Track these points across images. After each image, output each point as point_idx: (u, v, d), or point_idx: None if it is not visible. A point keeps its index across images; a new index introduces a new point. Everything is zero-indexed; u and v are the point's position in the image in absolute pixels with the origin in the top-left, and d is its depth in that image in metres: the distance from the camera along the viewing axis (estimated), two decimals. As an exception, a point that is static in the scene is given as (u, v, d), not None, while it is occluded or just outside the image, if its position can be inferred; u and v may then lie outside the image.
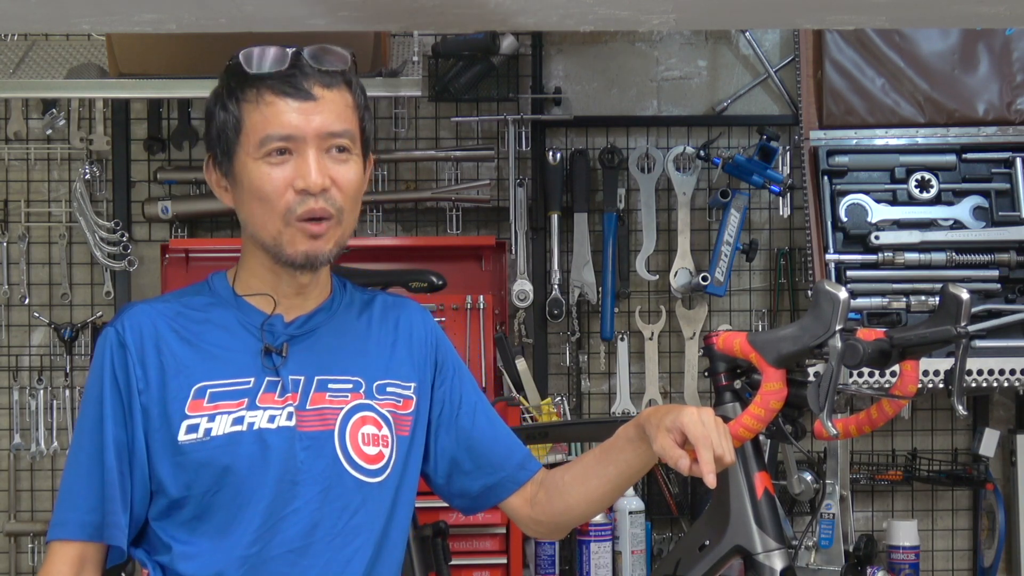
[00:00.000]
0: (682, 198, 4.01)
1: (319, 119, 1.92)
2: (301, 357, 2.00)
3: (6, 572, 3.98)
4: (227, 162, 1.97)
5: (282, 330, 2.01)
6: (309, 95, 1.92)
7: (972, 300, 2.32)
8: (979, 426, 4.04)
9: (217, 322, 2.00)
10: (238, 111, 1.94)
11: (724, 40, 4.14)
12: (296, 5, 2.17)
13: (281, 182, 1.92)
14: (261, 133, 1.92)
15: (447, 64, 3.97)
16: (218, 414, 1.94)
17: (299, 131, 1.92)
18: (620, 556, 3.78)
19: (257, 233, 1.97)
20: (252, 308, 2.01)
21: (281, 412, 1.97)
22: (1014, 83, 3.91)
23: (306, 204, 1.92)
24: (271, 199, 1.93)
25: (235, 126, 1.94)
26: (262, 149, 1.92)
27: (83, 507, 1.94)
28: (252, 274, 2.02)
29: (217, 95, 1.99)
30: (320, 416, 1.99)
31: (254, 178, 1.93)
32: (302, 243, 1.94)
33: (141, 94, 3.67)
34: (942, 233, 3.80)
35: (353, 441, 2.00)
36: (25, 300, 4.02)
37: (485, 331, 3.89)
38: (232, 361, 1.98)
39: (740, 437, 2.26)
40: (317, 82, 1.93)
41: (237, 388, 1.96)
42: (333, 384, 2.01)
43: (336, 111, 1.94)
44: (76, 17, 2.24)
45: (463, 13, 2.22)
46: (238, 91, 1.95)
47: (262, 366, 1.98)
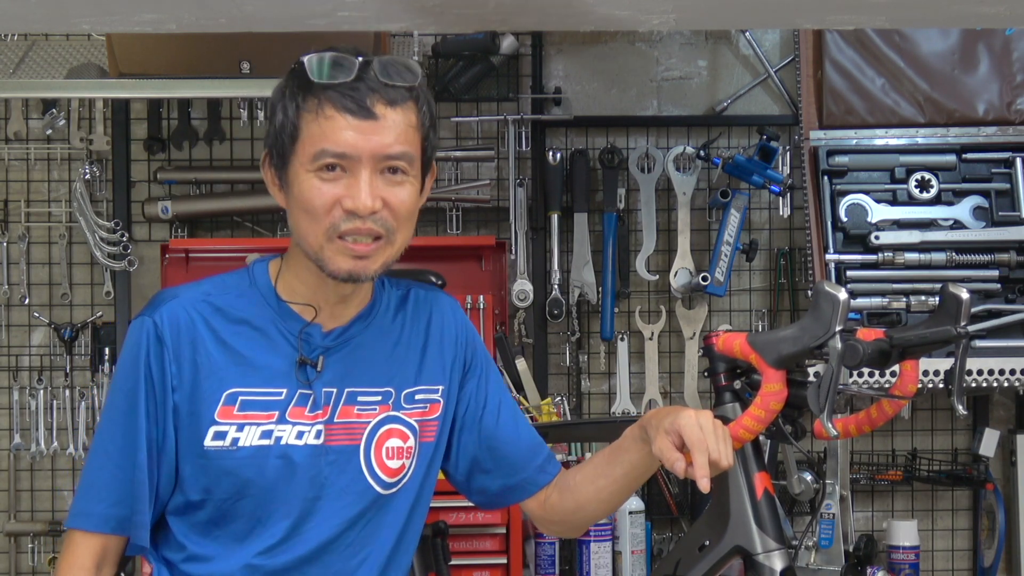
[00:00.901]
0: (682, 198, 4.01)
1: (377, 140, 1.86)
2: (334, 369, 1.98)
3: (6, 572, 3.98)
4: (282, 165, 1.93)
5: (319, 342, 1.97)
6: (370, 113, 1.86)
7: (972, 300, 2.31)
8: (979, 426, 4.04)
9: (254, 324, 1.96)
10: (296, 118, 1.89)
11: (724, 40, 4.14)
12: (296, 5, 2.17)
13: (330, 198, 1.87)
14: (317, 147, 1.87)
15: (447, 64, 3.97)
16: (247, 424, 1.92)
17: (354, 150, 1.86)
18: (620, 556, 3.78)
19: (302, 243, 1.92)
20: (291, 313, 1.97)
21: (310, 429, 1.95)
22: (1014, 83, 3.91)
23: (352, 223, 1.87)
24: (318, 214, 1.88)
25: (292, 133, 1.89)
26: (316, 162, 1.87)
27: (110, 499, 1.92)
28: (296, 276, 1.98)
29: (280, 94, 1.93)
30: (348, 430, 1.98)
31: (304, 189, 1.88)
32: (344, 262, 1.90)
33: (141, 94, 3.67)
34: (942, 233, 3.80)
35: (378, 455, 1.99)
36: (25, 300, 4.02)
37: (485, 331, 3.89)
38: (266, 369, 1.94)
39: (740, 438, 2.26)
40: (381, 98, 1.86)
41: (268, 399, 1.94)
42: (363, 397, 1.99)
43: (396, 132, 1.87)
44: (76, 17, 2.24)
45: (463, 13, 2.22)
46: (299, 97, 1.89)
47: (295, 377, 1.95)
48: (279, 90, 1.94)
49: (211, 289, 1.97)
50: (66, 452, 3.97)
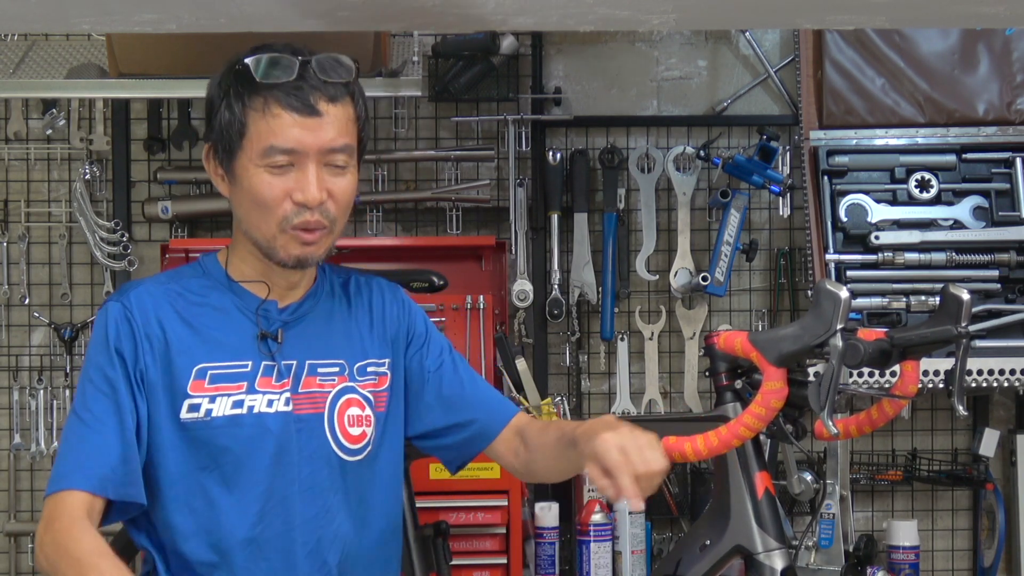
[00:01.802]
0: (682, 198, 4.01)
1: (323, 135, 1.99)
2: (293, 342, 2.09)
3: (6, 572, 3.98)
4: (227, 159, 2.03)
5: (276, 316, 2.09)
6: (314, 110, 1.98)
7: (972, 300, 2.32)
8: (979, 426, 4.04)
9: (215, 305, 2.08)
10: (243, 115, 1.99)
11: (724, 40, 4.14)
12: (296, 5, 2.17)
13: (280, 191, 1.99)
14: (265, 143, 1.98)
15: (447, 64, 3.97)
16: (219, 396, 2.02)
17: (303, 146, 1.98)
18: (620, 556, 3.77)
19: (250, 232, 2.05)
20: (247, 292, 2.09)
21: (279, 397, 2.05)
22: (1014, 83, 3.91)
23: (302, 216, 2.00)
24: (269, 206, 2.00)
25: (239, 129, 2.00)
26: (265, 158, 1.98)
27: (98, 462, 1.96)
28: (244, 261, 2.10)
29: (222, 91, 2.04)
30: (311, 400, 2.08)
31: (254, 184, 2.00)
32: (295, 248, 2.02)
33: (141, 94, 3.66)
34: (942, 233, 3.80)
35: (341, 423, 2.09)
36: (25, 300, 4.02)
37: (485, 331, 3.89)
38: (230, 344, 2.05)
39: (741, 436, 2.27)
40: (323, 95, 1.99)
41: (236, 371, 2.04)
42: (322, 368, 2.10)
43: (339, 126, 2.01)
44: (76, 17, 2.24)
45: (463, 13, 2.22)
46: (244, 95, 2.00)
47: (258, 350, 2.06)
48: (217, 87, 2.05)
49: (170, 277, 2.11)
50: (66, 452, 3.97)
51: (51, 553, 1.91)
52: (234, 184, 2.04)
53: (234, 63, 2.04)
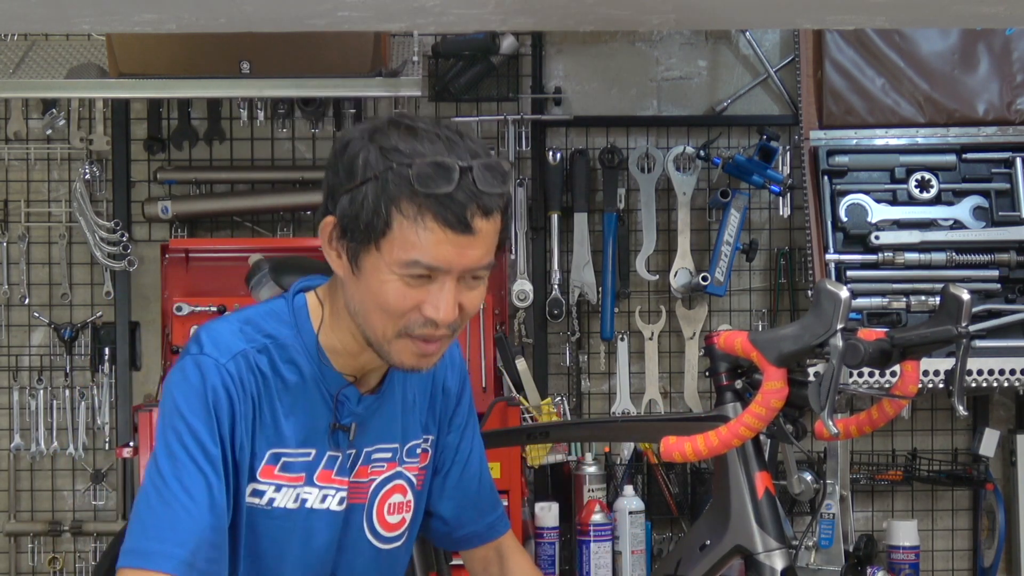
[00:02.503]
0: (682, 198, 4.01)
1: (471, 255, 1.81)
2: (360, 432, 1.97)
3: (6, 572, 3.98)
4: (354, 247, 1.83)
5: (354, 407, 1.95)
6: (469, 228, 1.78)
7: (972, 300, 2.31)
8: (979, 426, 4.04)
9: (302, 374, 1.91)
10: (389, 216, 1.78)
11: (724, 40, 4.14)
12: (296, 5, 2.17)
13: (411, 303, 1.82)
14: (410, 255, 1.79)
15: (447, 64, 3.97)
16: (284, 486, 1.90)
17: (449, 265, 1.80)
18: (620, 556, 3.77)
19: (364, 328, 1.87)
20: (333, 373, 1.93)
21: (335, 495, 1.94)
22: (1014, 83, 3.91)
23: (427, 329, 1.84)
24: (395, 314, 1.83)
25: (382, 229, 1.79)
26: (405, 270, 1.80)
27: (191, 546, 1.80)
28: (339, 338, 1.93)
29: (368, 172, 1.80)
30: (358, 489, 1.98)
31: (386, 290, 1.82)
32: (410, 358, 1.87)
33: (141, 94, 3.67)
34: (942, 233, 3.80)
35: (380, 512, 2.00)
36: (25, 300, 4.02)
37: (485, 331, 3.89)
38: (303, 427, 1.92)
39: (741, 436, 2.26)
40: (479, 209, 1.79)
41: (302, 460, 1.91)
42: (376, 455, 1.99)
43: (488, 244, 1.83)
44: (76, 17, 2.24)
45: (463, 13, 2.22)
46: (395, 195, 1.78)
47: (327, 440, 1.93)
48: (363, 163, 1.81)
49: (264, 330, 1.92)
50: (66, 452, 3.97)
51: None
52: (356, 276, 1.84)
53: (385, 144, 1.80)
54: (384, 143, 1.80)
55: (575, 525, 3.78)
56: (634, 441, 3.87)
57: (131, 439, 3.77)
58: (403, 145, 1.80)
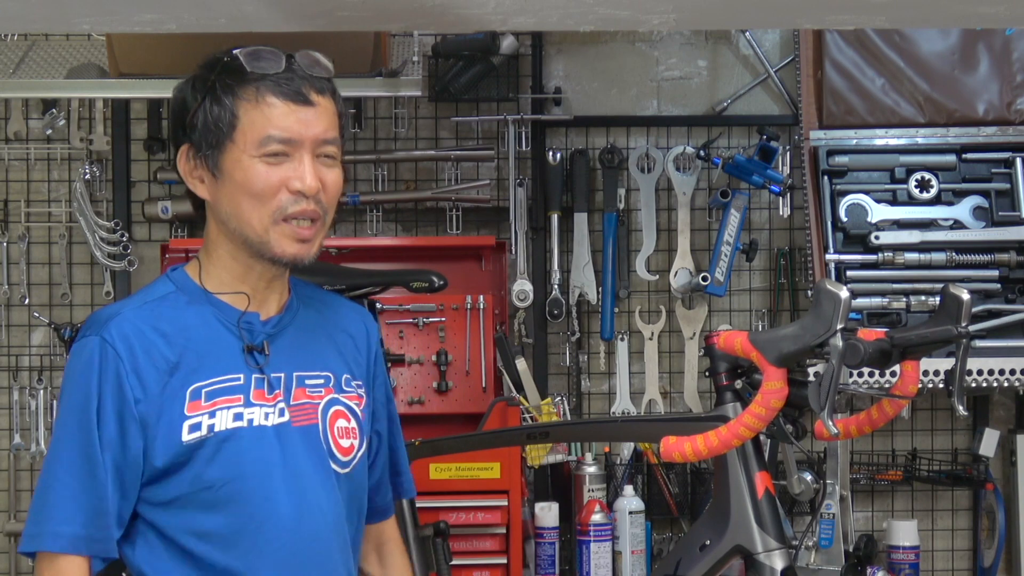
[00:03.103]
0: (682, 198, 4.01)
1: (316, 125, 1.98)
2: (279, 354, 2.05)
3: (6, 572, 3.98)
4: (213, 154, 1.99)
5: (260, 328, 2.05)
6: (307, 100, 1.97)
7: (972, 300, 2.32)
8: (979, 426, 4.04)
9: (195, 321, 2.02)
10: (234, 107, 1.97)
11: (724, 40, 4.14)
12: (296, 5, 2.17)
13: (276, 181, 1.96)
14: (261, 133, 1.96)
15: (447, 64, 3.97)
16: (218, 410, 1.98)
17: (298, 135, 1.97)
18: (620, 556, 3.78)
19: (241, 228, 1.99)
20: (226, 305, 2.04)
21: (273, 409, 2.01)
22: (1014, 83, 3.92)
23: (299, 205, 1.97)
24: (264, 197, 1.97)
25: (230, 122, 1.97)
26: (261, 148, 1.96)
27: (79, 520, 1.93)
28: (221, 267, 2.04)
29: (203, 88, 1.99)
30: (303, 411, 2.05)
31: (249, 176, 1.97)
32: (290, 246, 1.99)
33: (141, 94, 3.67)
34: (942, 233, 3.80)
35: (333, 434, 2.07)
36: (25, 300, 4.02)
37: (485, 331, 3.88)
38: (219, 358, 2.00)
39: (741, 436, 2.26)
40: (312, 87, 1.98)
41: (230, 384, 2.00)
42: (309, 380, 2.07)
43: (328, 118, 2.00)
44: (76, 17, 2.25)
45: (463, 13, 2.22)
46: (236, 87, 1.97)
47: (246, 364, 2.02)
48: (193, 88, 2.01)
49: (142, 299, 2.04)
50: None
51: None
52: (221, 180, 1.99)
53: (214, 61, 2.01)
54: (209, 62, 2.01)
55: (575, 525, 3.78)
56: (634, 441, 3.88)
57: (131, 439, 3.76)
58: (225, 55, 1.99)
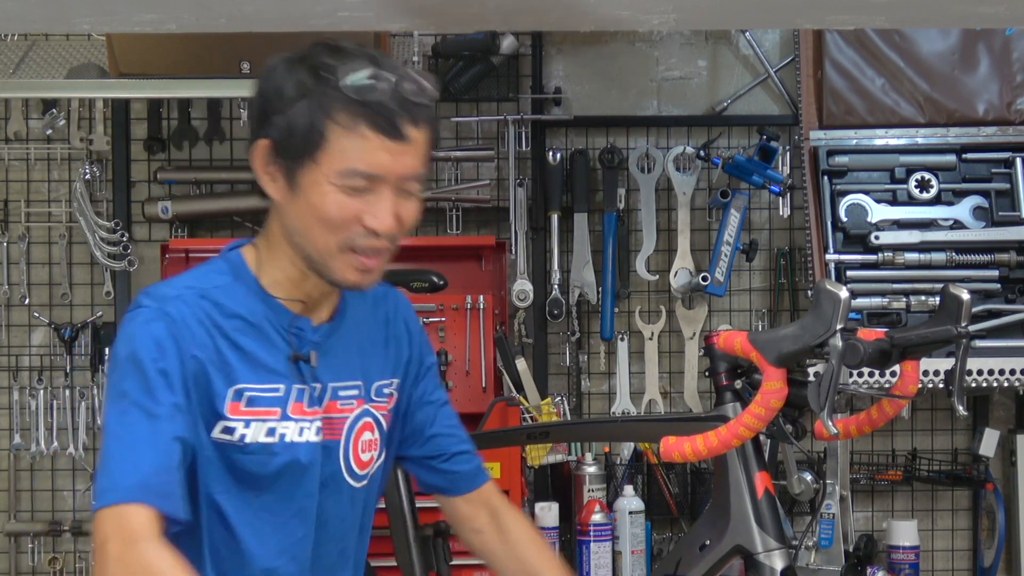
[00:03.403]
0: (682, 198, 4.01)
1: (406, 162, 1.87)
2: (322, 365, 1.99)
3: (6, 572, 3.98)
4: (291, 164, 1.89)
5: (310, 336, 1.98)
6: (402, 136, 1.85)
7: (972, 300, 2.32)
8: (979, 426, 4.04)
9: (248, 318, 1.94)
10: (324, 127, 1.85)
11: (724, 40, 4.14)
12: (296, 5, 2.17)
13: (351, 213, 1.87)
14: (347, 164, 1.85)
15: (447, 64, 3.97)
16: (253, 420, 1.92)
17: (386, 172, 1.86)
18: (620, 556, 3.77)
19: (305, 246, 1.92)
20: (280, 308, 1.97)
21: (310, 426, 1.97)
22: (1014, 83, 3.91)
23: (369, 240, 1.89)
24: (336, 226, 1.88)
25: (317, 141, 1.85)
26: (343, 179, 1.86)
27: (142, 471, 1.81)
28: (279, 269, 1.97)
29: (299, 90, 1.86)
30: (332, 426, 2.00)
31: (326, 202, 1.87)
32: (352, 274, 1.92)
33: (141, 94, 3.67)
34: (942, 233, 3.80)
35: (355, 450, 2.03)
36: (25, 300, 4.02)
37: (485, 331, 3.88)
38: (265, 363, 1.94)
39: (741, 436, 2.26)
40: (409, 119, 1.86)
41: (270, 395, 1.94)
42: (343, 391, 2.02)
43: (420, 153, 1.90)
44: (76, 17, 2.25)
45: (463, 13, 2.22)
46: (330, 106, 1.85)
47: (290, 373, 1.96)
48: (294, 82, 1.87)
49: (201, 284, 1.95)
50: (66, 452, 3.97)
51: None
52: (294, 193, 1.90)
53: (314, 62, 1.87)
54: (313, 61, 1.87)
55: (575, 525, 3.78)
56: (634, 441, 3.88)
57: (131, 439, 3.76)
58: (332, 61, 1.86)
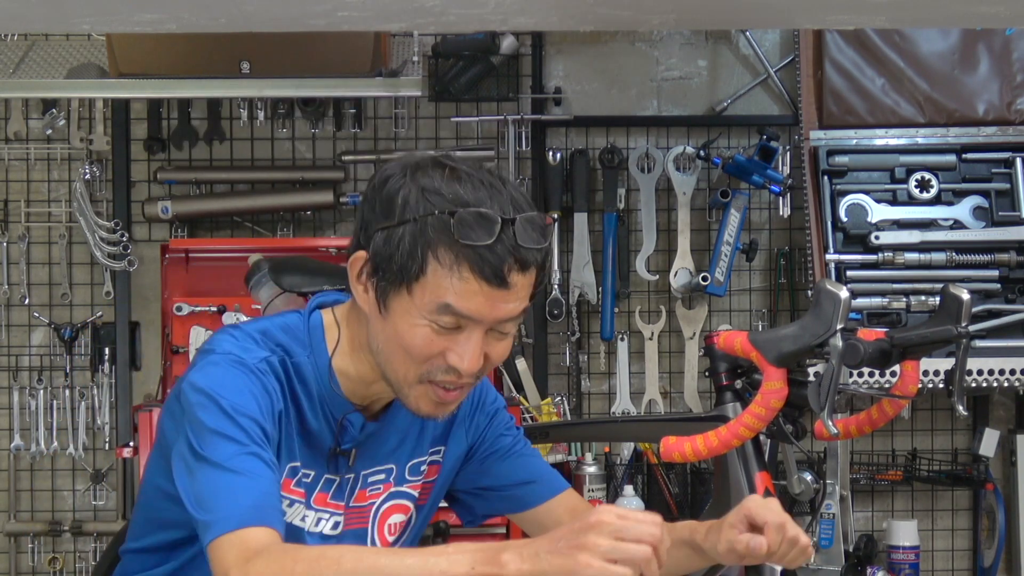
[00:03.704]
0: (682, 198, 4.01)
1: (504, 308, 1.76)
2: (359, 457, 1.92)
3: (6, 572, 3.98)
4: (385, 285, 1.77)
5: (356, 434, 1.90)
6: (505, 283, 1.73)
7: (972, 300, 2.32)
8: (979, 426, 4.04)
9: (310, 395, 1.87)
10: (424, 262, 1.73)
11: (724, 40, 4.14)
12: (296, 5, 2.17)
13: (437, 348, 1.77)
14: (441, 300, 1.74)
15: (447, 64, 3.97)
16: (295, 502, 1.87)
17: (480, 316, 1.75)
18: (620, 556, 3.77)
19: (385, 368, 1.82)
20: (338, 397, 1.87)
21: (328, 519, 1.90)
22: (1014, 83, 3.91)
23: (450, 376, 1.79)
24: (419, 359, 1.78)
25: (416, 273, 1.74)
26: (436, 315, 1.75)
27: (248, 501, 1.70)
28: (353, 365, 1.88)
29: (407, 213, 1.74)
30: (359, 514, 1.94)
31: (413, 334, 1.76)
32: (427, 405, 1.82)
33: (141, 94, 3.67)
34: (942, 233, 3.80)
35: (381, 534, 1.96)
36: (25, 300, 4.02)
37: (485, 331, 3.88)
38: (311, 447, 1.87)
39: (741, 436, 2.26)
40: (516, 264, 1.74)
41: (303, 480, 1.88)
42: (372, 477, 1.95)
43: (522, 297, 1.77)
44: (76, 17, 2.24)
45: (463, 13, 2.22)
46: (435, 242, 1.72)
47: (326, 463, 1.88)
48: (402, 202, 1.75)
49: (283, 348, 1.86)
50: (66, 452, 3.97)
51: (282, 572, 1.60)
52: (384, 315, 1.78)
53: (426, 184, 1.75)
54: (426, 184, 1.75)
55: (575, 525, 3.77)
56: (634, 441, 3.87)
57: (131, 439, 3.76)
58: (445, 189, 1.74)
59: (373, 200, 1.79)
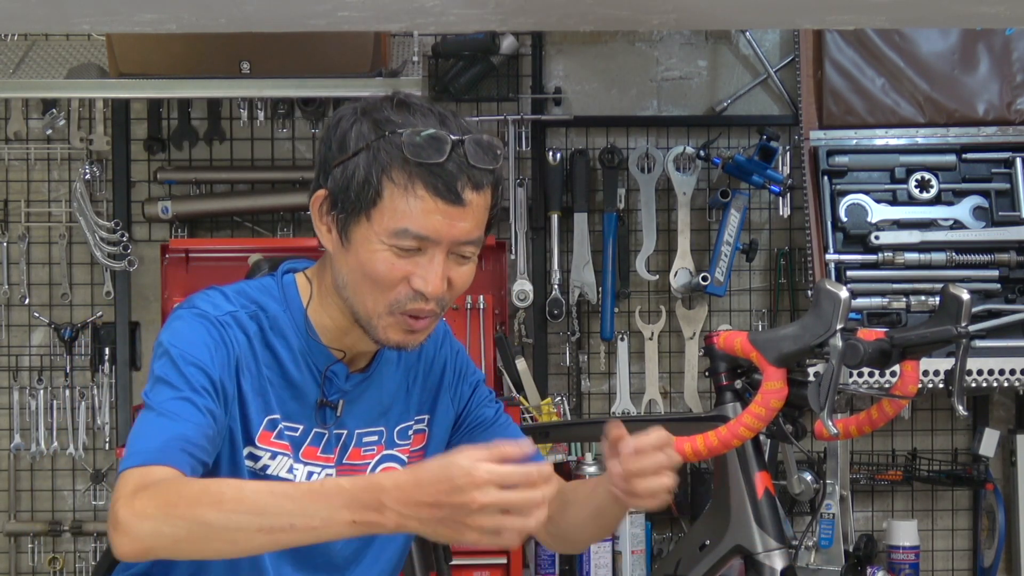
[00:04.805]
0: (682, 198, 4.01)
1: (461, 226, 1.80)
2: (348, 411, 1.95)
3: (6, 572, 3.98)
4: (345, 220, 1.84)
5: (342, 384, 1.94)
6: (459, 199, 1.79)
7: (972, 300, 2.32)
8: (979, 426, 4.04)
9: (290, 348, 1.90)
10: (379, 185, 1.79)
11: (724, 40, 4.14)
12: (296, 5, 2.17)
13: (400, 274, 1.82)
14: (399, 224, 1.79)
15: (447, 64, 3.97)
16: (279, 454, 1.89)
17: (438, 235, 1.80)
18: (620, 556, 3.77)
19: (353, 302, 1.87)
20: (320, 349, 1.92)
21: (320, 472, 1.92)
22: (1014, 83, 3.91)
23: (416, 303, 1.83)
24: (384, 286, 1.82)
25: (372, 198, 1.80)
26: (394, 239, 1.80)
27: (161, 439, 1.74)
28: (328, 315, 1.92)
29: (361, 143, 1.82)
30: (353, 472, 1.95)
31: (374, 260, 1.81)
32: (396, 334, 1.86)
33: (141, 94, 3.67)
34: (942, 233, 3.80)
35: None
36: (25, 300, 4.02)
37: (485, 331, 3.88)
38: (296, 400, 1.90)
39: (741, 436, 2.27)
40: (470, 182, 1.79)
41: (292, 433, 1.90)
42: (366, 437, 1.97)
43: (478, 217, 1.82)
44: (76, 17, 2.24)
45: (463, 13, 2.22)
46: (387, 164, 1.79)
47: (313, 416, 1.91)
48: (358, 133, 1.83)
49: (255, 308, 1.91)
50: (66, 452, 3.97)
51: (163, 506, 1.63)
52: (346, 248, 1.84)
53: (378, 116, 1.82)
54: (377, 115, 1.83)
55: (575, 525, 3.78)
56: (634, 441, 3.87)
57: (131, 439, 3.76)
58: (396, 117, 1.82)
59: (329, 140, 1.86)
